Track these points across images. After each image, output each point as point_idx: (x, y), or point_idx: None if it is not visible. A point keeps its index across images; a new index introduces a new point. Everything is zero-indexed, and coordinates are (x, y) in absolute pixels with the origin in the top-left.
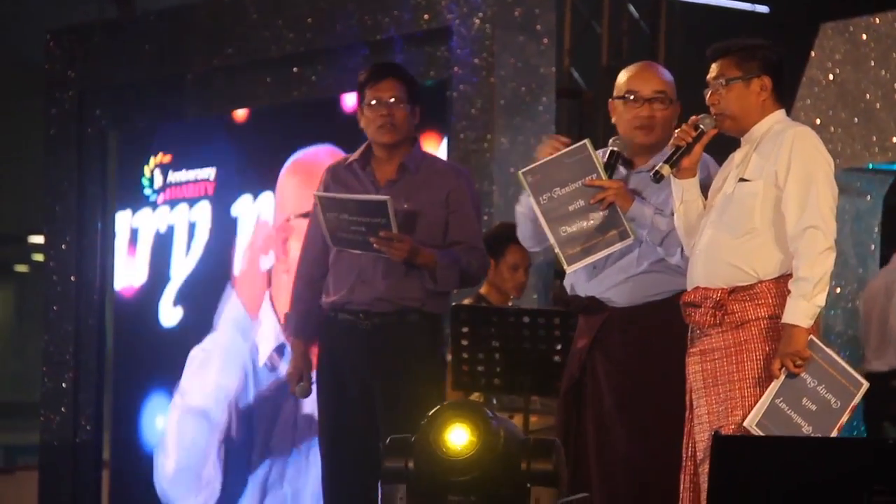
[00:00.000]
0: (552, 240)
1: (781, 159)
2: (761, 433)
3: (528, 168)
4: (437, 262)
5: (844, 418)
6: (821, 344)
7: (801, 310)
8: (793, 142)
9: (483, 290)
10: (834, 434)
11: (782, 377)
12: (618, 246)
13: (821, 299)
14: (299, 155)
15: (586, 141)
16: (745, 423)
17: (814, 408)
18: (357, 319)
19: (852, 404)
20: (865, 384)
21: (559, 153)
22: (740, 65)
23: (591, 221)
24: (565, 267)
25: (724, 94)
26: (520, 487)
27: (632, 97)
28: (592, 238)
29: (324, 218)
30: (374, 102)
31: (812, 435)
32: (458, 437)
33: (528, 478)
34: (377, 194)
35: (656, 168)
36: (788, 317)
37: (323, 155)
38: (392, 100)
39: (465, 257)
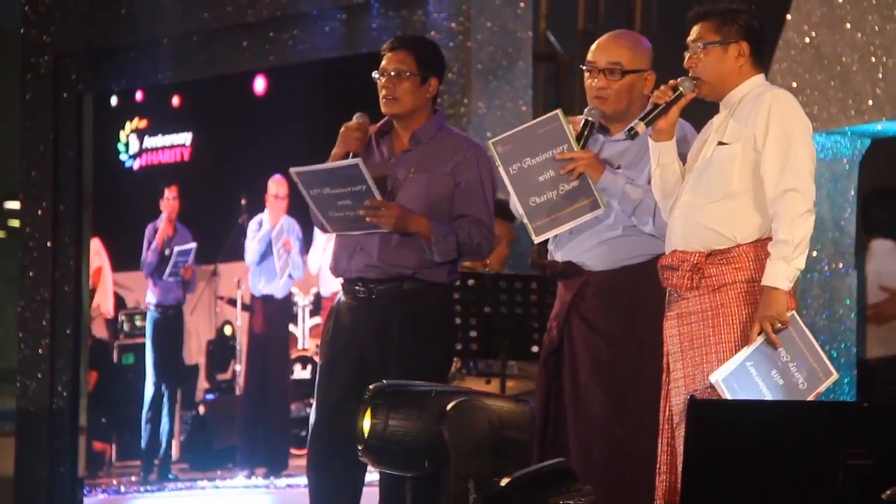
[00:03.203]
0: (521, 210)
1: (759, 122)
2: (724, 389)
3: (498, 138)
4: (431, 231)
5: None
6: (801, 323)
7: (782, 272)
8: (770, 105)
9: (468, 263)
10: None
11: (760, 341)
12: (587, 216)
13: (801, 262)
14: None
15: (558, 111)
16: (711, 377)
17: (781, 382)
18: (356, 288)
19: (818, 390)
20: (835, 375)
21: (531, 123)
22: (719, 29)
23: (561, 192)
24: (533, 237)
25: (701, 58)
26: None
27: (588, 68)
28: (562, 208)
29: (309, 197)
30: (380, 73)
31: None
32: (365, 423)
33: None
34: (388, 163)
35: (631, 125)
36: (768, 279)
37: None
38: (394, 72)
39: (466, 229)
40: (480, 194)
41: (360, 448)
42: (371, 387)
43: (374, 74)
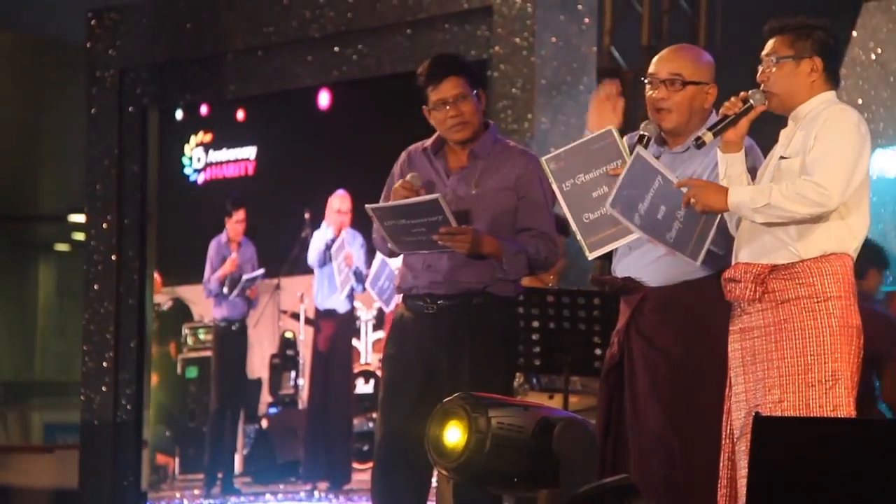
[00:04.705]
0: (574, 227)
1: (814, 133)
2: (628, 159)
3: (552, 154)
4: (502, 251)
5: (661, 246)
6: (713, 226)
7: (740, 196)
8: (829, 117)
9: (525, 281)
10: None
11: (683, 189)
12: (641, 233)
13: (758, 216)
14: None
15: (611, 127)
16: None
17: (658, 216)
18: (424, 304)
19: (672, 249)
20: (695, 263)
21: (584, 139)
22: (794, 44)
23: None
24: (586, 254)
25: (774, 72)
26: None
27: (649, 80)
28: (615, 224)
29: (382, 227)
30: (440, 104)
31: (636, 226)
32: (453, 435)
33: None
34: (448, 180)
35: (698, 134)
36: (732, 188)
37: None
38: (456, 99)
39: (533, 244)
40: (544, 207)
41: (442, 460)
42: (461, 396)
43: (435, 104)
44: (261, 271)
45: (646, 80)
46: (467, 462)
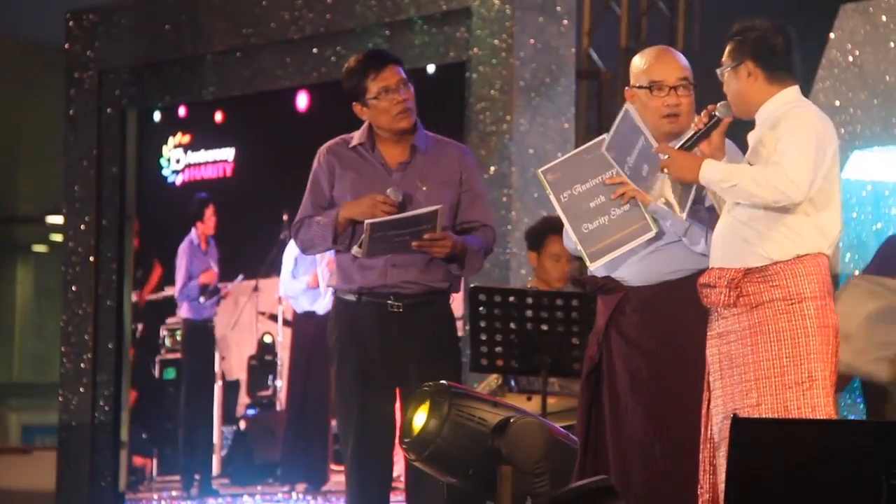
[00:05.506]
0: (574, 237)
1: (777, 136)
2: (620, 116)
3: (547, 166)
4: (467, 250)
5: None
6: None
7: (712, 172)
8: (788, 117)
9: (531, 283)
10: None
11: (664, 152)
12: (640, 240)
13: (727, 195)
14: None
15: (605, 136)
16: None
17: (643, 174)
18: (386, 301)
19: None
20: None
21: (577, 150)
22: (732, 52)
23: (613, 217)
24: (588, 264)
25: (725, 81)
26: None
27: (656, 87)
28: (614, 233)
29: (369, 239)
30: (384, 91)
31: (626, 174)
32: (419, 419)
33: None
34: (390, 177)
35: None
36: (706, 162)
37: None
38: (399, 84)
39: (484, 238)
40: (484, 198)
41: (407, 441)
42: (434, 384)
43: (378, 92)
44: (239, 277)
45: (650, 87)
46: (422, 441)
